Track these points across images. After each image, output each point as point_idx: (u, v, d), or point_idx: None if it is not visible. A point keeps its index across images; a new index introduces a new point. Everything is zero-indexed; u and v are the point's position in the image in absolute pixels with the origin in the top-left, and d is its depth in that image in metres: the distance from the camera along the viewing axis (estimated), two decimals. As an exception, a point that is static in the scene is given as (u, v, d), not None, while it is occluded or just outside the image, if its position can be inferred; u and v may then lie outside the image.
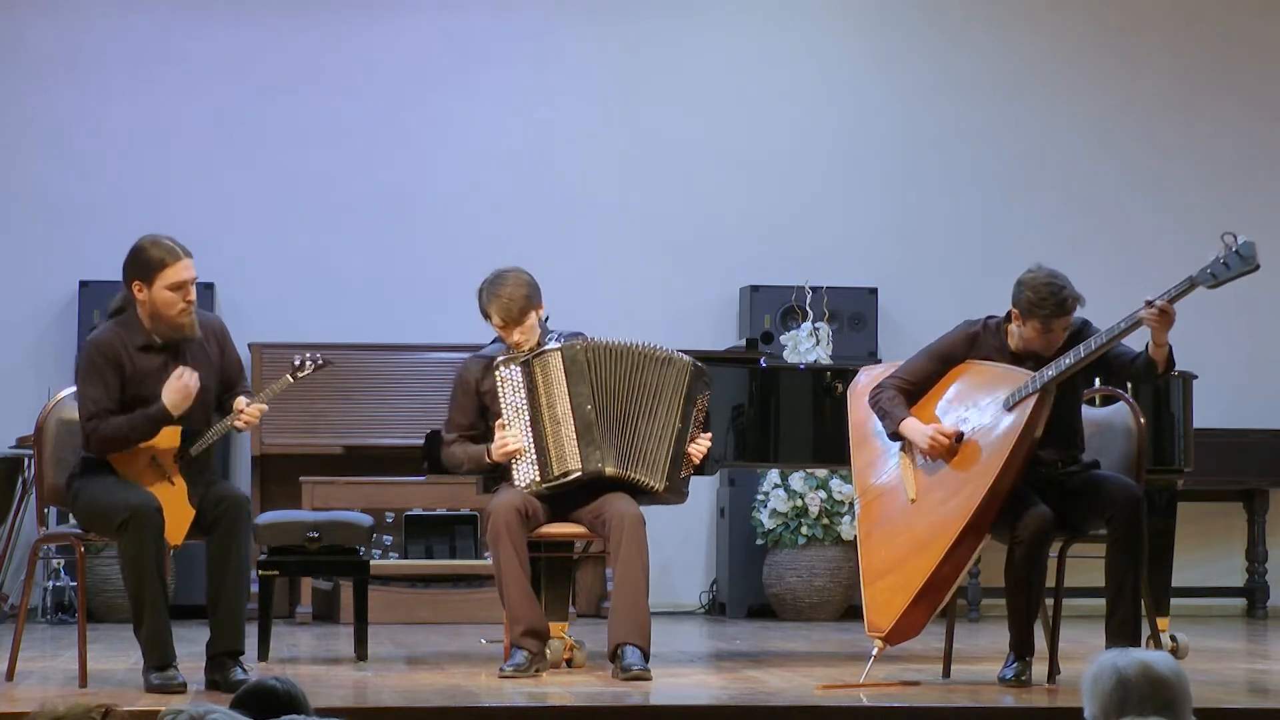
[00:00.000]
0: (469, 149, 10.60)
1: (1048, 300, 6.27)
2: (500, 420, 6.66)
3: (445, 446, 6.83)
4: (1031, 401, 6.24)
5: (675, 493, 6.78)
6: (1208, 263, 6.07)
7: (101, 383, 6.18)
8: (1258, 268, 6.01)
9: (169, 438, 6.23)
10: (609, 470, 6.66)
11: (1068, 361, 6.23)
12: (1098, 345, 6.21)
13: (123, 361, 6.21)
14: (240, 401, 6.33)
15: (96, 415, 6.17)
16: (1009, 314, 6.43)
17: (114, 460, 6.23)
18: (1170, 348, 6.25)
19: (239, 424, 6.30)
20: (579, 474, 6.65)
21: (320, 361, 6.54)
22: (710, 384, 6.84)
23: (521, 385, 6.66)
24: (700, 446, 6.78)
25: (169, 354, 6.27)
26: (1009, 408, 6.28)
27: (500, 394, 6.67)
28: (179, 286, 6.20)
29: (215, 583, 6.23)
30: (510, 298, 6.67)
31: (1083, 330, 6.37)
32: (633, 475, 6.68)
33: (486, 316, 6.73)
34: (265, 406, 6.36)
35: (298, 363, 6.52)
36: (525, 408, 6.66)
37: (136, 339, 6.24)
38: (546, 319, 6.83)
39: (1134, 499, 6.37)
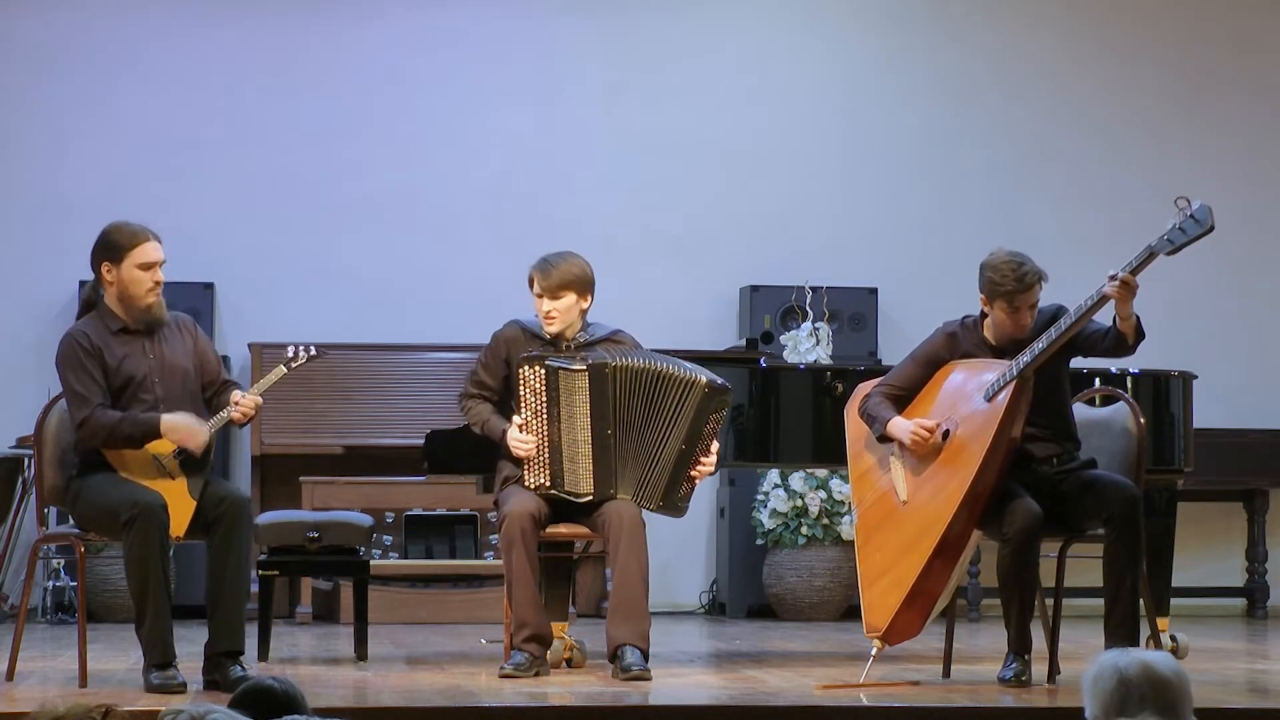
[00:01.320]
0: (469, 149, 10.60)
1: (1008, 277, 6.30)
2: (518, 421, 6.66)
3: (467, 398, 6.81)
4: (1009, 390, 6.25)
5: (673, 509, 6.75)
6: (1165, 230, 6.09)
7: (86, 373, 6.21)
8: (1212, 229, 6.03)
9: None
10: (621, 497, 6.65)
11: (1040, 345, 6.25)
12: (1067, 326, 6.23)
13: (102, 350, 6.24)
14: (236, 393, 6.35)
15: (87, 404, 6.19)
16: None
17: (112, 458, 6.24)
18: (1138, 319, 6.25)
19: (236, 415, 6.31)
20: (590, 498, 6.66)
21: (314, 352, 6.55)
22: (728, 402, 6.74)
23: (543, 390, 6.64)
24: (703, 469, 6.71)
25: (144, 336, 6.31)
26: (988, 399, 6.29)
27: (520, 392, 6.67)
28: (148, 266, 6.28)
29: (215, 582, 6.23)
30: (555, 268, 6.67)
31: (1057, 315, 6.38)
32: (640, 502, 6.67)
33: (531, 283, 6.74)
34: (260, 399, 6.37)
35: (291, 354, 6.54)
36: (544, 413, 6.64)
37: (111, 325, 6.29)
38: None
39: (1131, 499, 6.37)
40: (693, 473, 6.68)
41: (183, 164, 10.36)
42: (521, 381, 6.65)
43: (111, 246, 6.31)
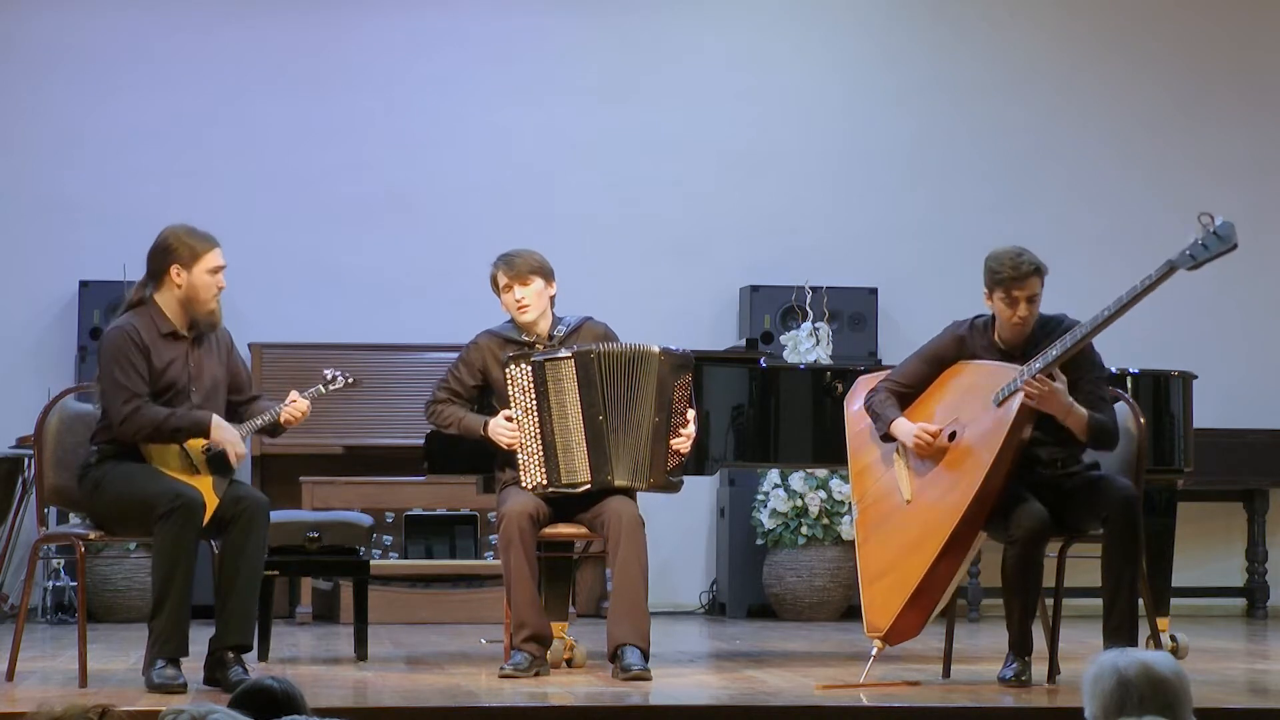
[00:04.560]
0: (468, 149, 10.60)
1: (1005, 265, 6.33)
2: (509, 413, 6.67)
3: (436, 403, 6.85)
4: (1020, 396, 6.24)
5: (667, 485, 6.78)
6: (1186, 245, 6.08)
7: (133, 367, 6.24)
8: (1235, 246, 6.02)
9: None
10: (618, 483, 6.68)
11: (1054, 353, 6.25)
12: (1083, 334, 6.22)
13: (150, 349, 6.26)
14: (293, 394, 6.43)
15: (135, 397, 6.20)
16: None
17: (145, 449, 6.24)
18: (1090, 417, 6.27)
19: (285, 416, 6.40)
20: (588, 486, 6.67)
21: (350, 379, 6.68)
22: (689, 368, 6.80)
23: (531, 387, 6.67)
24: (684, 439, 6.74)
25: (189, 344, 6.34)
26: (998, 404, 6.29)
27: (509, 393, 6.68)
28: (216, 271, 6.38)
29: (228, 578, 6.24)
30: (518, 257, 6.78)
31: (1063, 324, 6.39)
32: (636, 483, 6.70)
33: (494, 284, 6.80)
34: (309, 404, 6.46)
35: (329, 376, 6.65)
36: (534, 409, 6.67)
37: (161, 327, 6.31)
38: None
39: (1129, 499, 6.37)
40: (674, 443, 6.72)
41: (183, 164, 10.36)
42: (509, 382, 6.68)
43: (184, 251, 6.35)
